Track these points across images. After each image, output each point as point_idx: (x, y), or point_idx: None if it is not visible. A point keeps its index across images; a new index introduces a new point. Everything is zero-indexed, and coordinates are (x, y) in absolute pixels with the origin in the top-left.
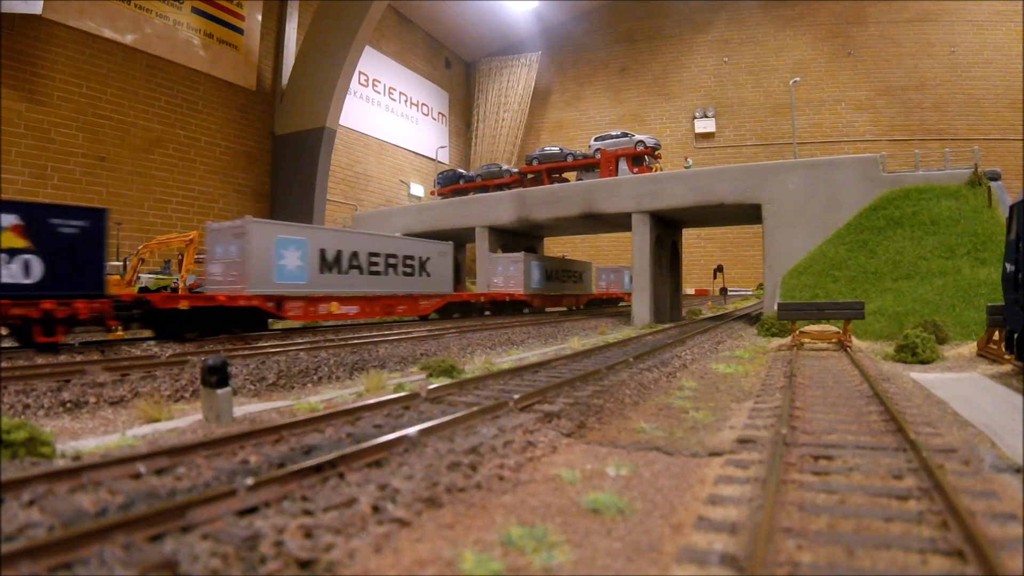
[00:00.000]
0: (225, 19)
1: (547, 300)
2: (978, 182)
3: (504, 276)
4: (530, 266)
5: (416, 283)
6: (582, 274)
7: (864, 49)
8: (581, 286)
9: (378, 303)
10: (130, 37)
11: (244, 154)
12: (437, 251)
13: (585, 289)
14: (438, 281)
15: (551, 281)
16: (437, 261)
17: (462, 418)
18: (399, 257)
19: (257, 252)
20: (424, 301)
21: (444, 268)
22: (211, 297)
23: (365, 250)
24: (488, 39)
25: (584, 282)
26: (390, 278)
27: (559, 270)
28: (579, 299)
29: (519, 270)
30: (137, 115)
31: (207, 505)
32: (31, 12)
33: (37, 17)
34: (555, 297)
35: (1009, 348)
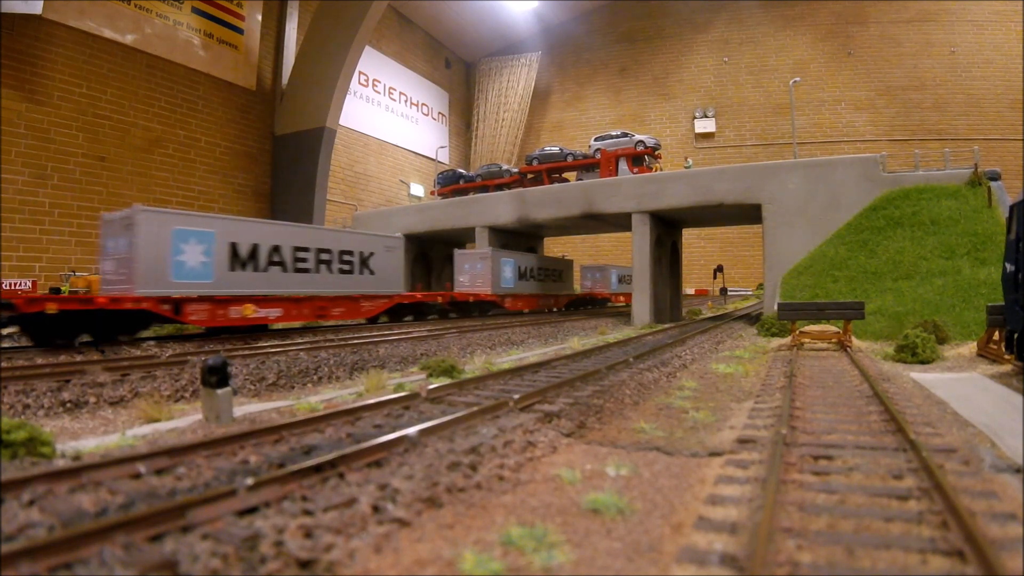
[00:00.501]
0: (225, 19)
1: (521, 301)
2: (978, 182)
3: (470, 275)
4: (499, 264)
5: (356, 282)
6: (561, 272)
7: (864, 49)
8: (561, 286)
9: (307, 305)
10: (130, 37)
11: (244, 154)
12: (383, 245)
13: (565, 289)
14: (384, 279)
15: (525, 280)
16: (383, 257)
17: (462, 418)
18: (333, 252)
19: (148, 246)
20: (367, 303)
21: (392, 265)
22: (88, 299)
23: (289, 244)
24: (488, 39)
25: (564, 281)
26: (322, 276)
27: (535, 268)
28: (558, 300)
29: (486, 268)
30: (137, 115)
31: (207, 505)
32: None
33: (37, 17)
34: (530, 298)
35: (1009, 348)
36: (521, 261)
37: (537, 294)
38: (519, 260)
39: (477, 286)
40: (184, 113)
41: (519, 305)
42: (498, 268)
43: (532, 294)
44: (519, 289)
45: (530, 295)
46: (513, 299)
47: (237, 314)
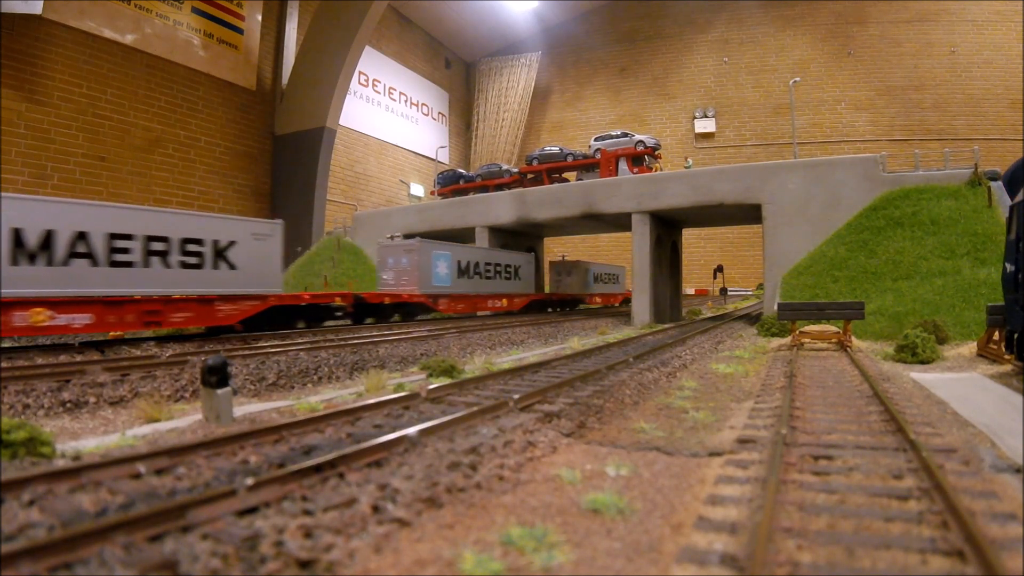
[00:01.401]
0: (225, 19)
1: (461, 302)
2: (978, 182)
3: (395, 271)
4: (430, 258)
5: (207, 279)
6: (518, 269)
7: (864, 49)
8: (518, 284)
9: (131, 309)
10: (130, 37)
11: (244, 154)
12: (248, 232)
13: (524, 288)
14: (252, 275)
15: (468, 277)
16: (250, 247)
17: (462, 418)
18: (172, 241)
19: None
20: (226, 306)
21: (264, 257)
22: None
23: (102, 230)
24: (488, 39)
25: (523, 279)
26: (154, 272)
27: (482, 263)
28: (513, 301)
29: (413, 263)
30: (137, 115)
31: (207, 505)
32: (31, 12)
33: (37, 17)
34: (474, 299)
35: (1009, 348)
36: (462, 255)
37: (484, 294)
38: (459, 254)
39: (403, 284)
40: (184, 113)
41: (458, 307)
42: (428, 263)
43: (477, 294)
44: (459, 288)
45: (475, 295)
46: (450, 300)
47: (24, 322)
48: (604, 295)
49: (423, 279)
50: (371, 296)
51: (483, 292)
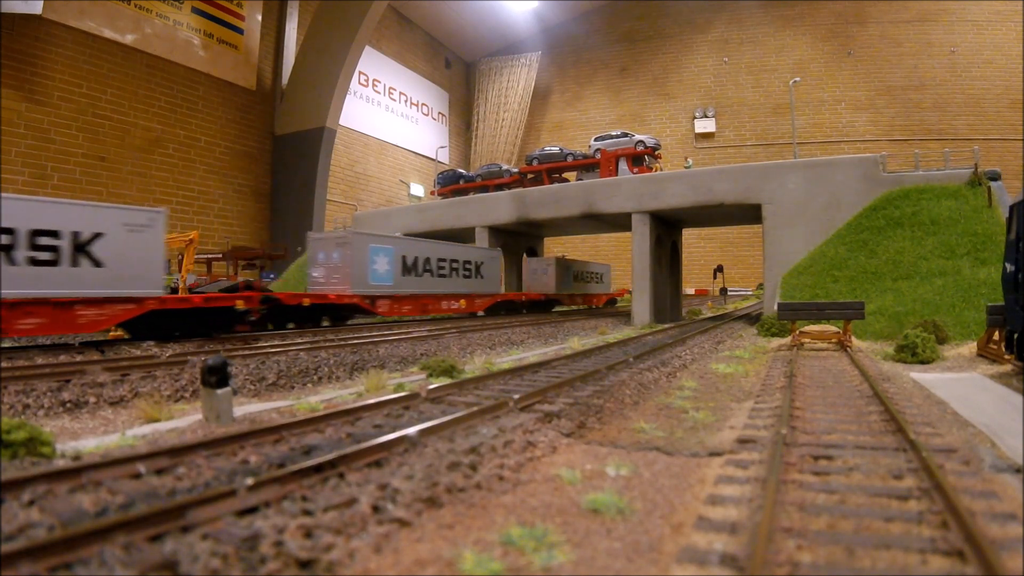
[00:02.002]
0: (225, 19)
1: (407, 304)
2: (978, 182)
3: (325, 267)
4: (366, 252)
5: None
6: (480, 266)
7: (864, 49)
8: (480, 283)
9: None
10: (130, 37)
11: (244, 154)
12: (118, 222)
13: (488, 287)
14: (117, 275)
15: (415, 275)
16: (119, 241)
17: (462, 418)
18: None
19: None
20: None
21: (135, 252)
22: None
23: None
24: (488, 39)
25: (487, 277)
26: None
27: (435, 260)
28: (474, 302)
29: (346, 258)
30: (137, 115)
31: (207, 505)
32: (31, 12)
33: (37, 17)
34: (423, 299)
35: (1009, 348)
36: (408, 250)
37: (436, 294)
38: (404, 248)
39: (334, 283)
40: (184, 113)
41: (403, 310)
42: (363, 258)
43: (428, 294)
44: (403, 287)
45: (424, 296)
46: (392, 302)
47: None
48: (586, 295)
49: (357, 277)
50: (288, 297)
51: (435, 292)
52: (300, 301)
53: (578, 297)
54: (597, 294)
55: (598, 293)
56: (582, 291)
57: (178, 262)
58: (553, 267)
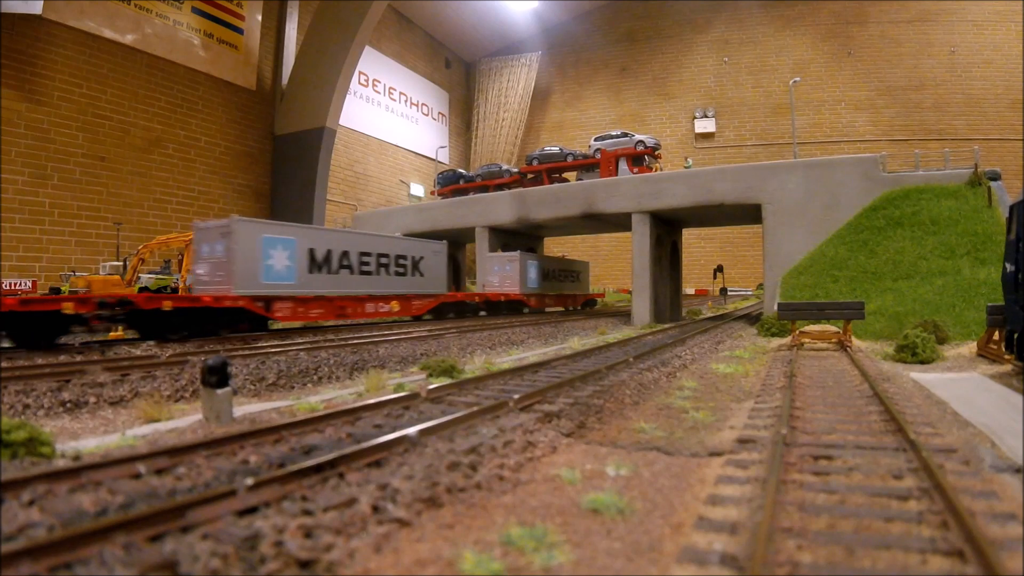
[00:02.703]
0: (225, 19)
1: (316, 307)
2: (978, 182)
3: (209, 263)
4: (257, 244)
5: None
6: (420, 262)
7: (864, 49)
8: (420, 282)
9: None
10: (130, 37)
11: (244, 154)
12: None
13: (430, 287)
14: None
15: (327, 272)
16: None
17: (462, 418)
18: None
19: None
20: None
21: None
22: None
23: None
24: (488, 39)
25: (429, 275)
26: None
27: (356, 254)
28: (411, 304)
29: (231, 252)
30: (137, 115)
31: (207, 505)
32: (31, 12)
33: (37, 17)
34: (339, 301)
35: (1009, 348)
36: (319, 241)
37: (358, 296)
38: (313, 239)
39: (216, 282)
40: (184, 113)
41: (311, 314)
42: (254, 252)
43: (346, 295)
44: (311, 286)
45: (341, 297)
46: (295, 304)
47: None
48: (558, 296)
49: (245, 274)
50: (146, 301)
51: (356, 292)
52: (158, 306)
53: (549, 298)
54: (573, 294)
55: (574, 293)
56: (555, 291)
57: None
58: (517, 263)
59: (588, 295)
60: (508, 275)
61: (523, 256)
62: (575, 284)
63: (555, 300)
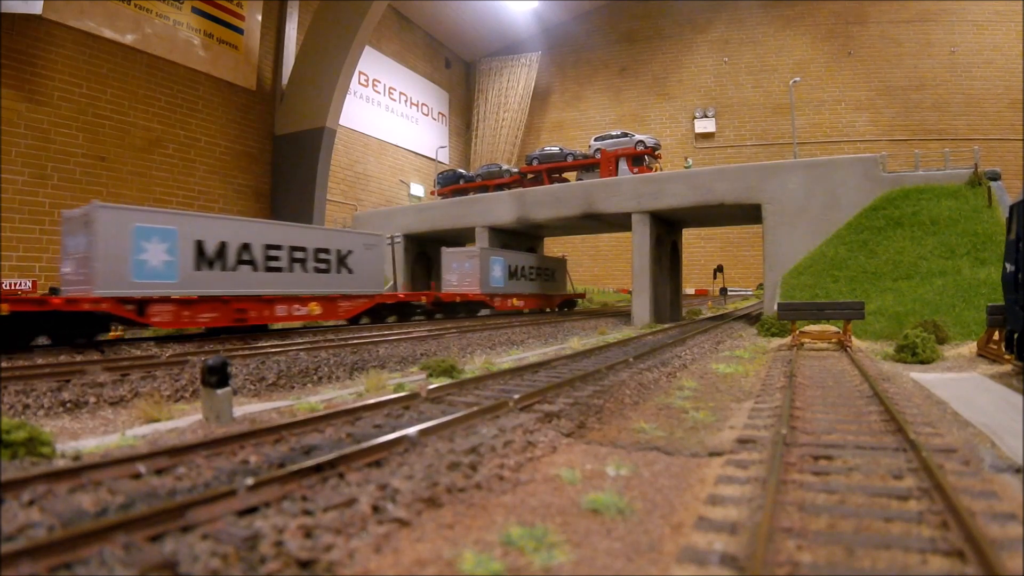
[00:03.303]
0: (225, 19)
1: (205, 310)
2: (978, 182)
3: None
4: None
5: None
6: (347, 257)
7: (864, 49)
8: (347, 280)
9: None
10: (130, 37)
11: (244, 154)
12: None
13: (360, 285)
14: None
15: (221, 269)
16: None
17: (462, 418)
18: None
19: None
20: None
21: None
22: None
23: None
24: (488, 39)
25: (359, 272)
26: None
27: (261, 247)
28: (335, 305)
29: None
30: (137, 115)
31: (207, 505)
32: (31, 12)
33: (37, 17)
34: (235, 302)
35: (1009, 348)
36: (210, 232)
37: (259, 296)
38: (200, 229)
39: (79, 280)
40: (184, 113)
41: (199, 318)
42: (122, 245)
43: (245, 296)
44: (199, 285)
45: (240, 298)
46: (177, 307)
47: None
48: (528, 296)
49: (109, 272)
50: None
51: (262, 292)
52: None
53: (518, 298)
54: (547, 294)
55: (548, 293)
56: (525, 291)
57: None
58: (477, 260)
59: (566, 295)
60: (467, 273)
61: (484, 252)
62: (549, 283)
63: (526, 301)
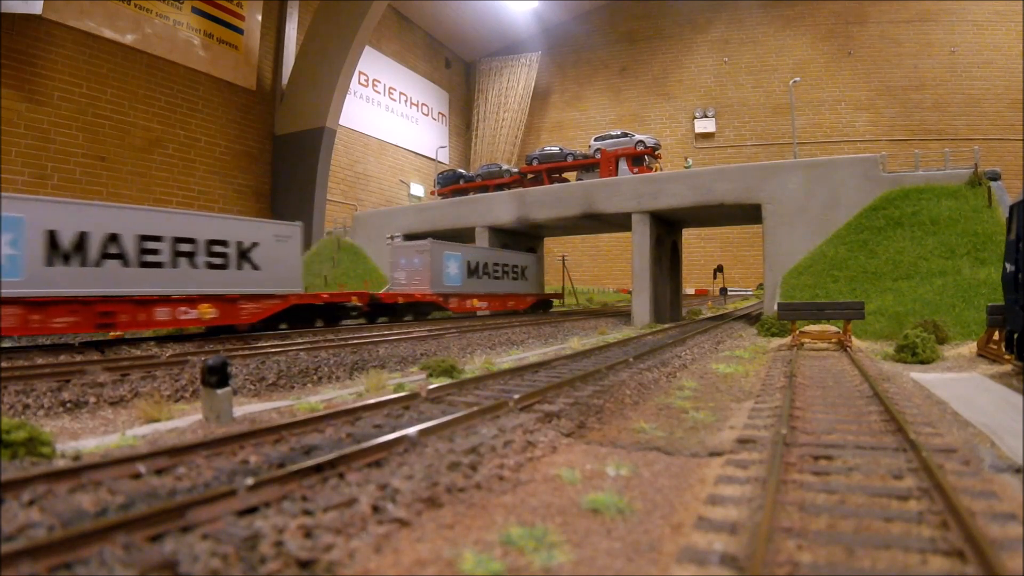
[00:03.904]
0: (225, 19)
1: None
2: (978, 182)
3: None
4: None
5: None
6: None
7: (864, 49)
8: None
9: None
10: (130, 37)
11: (244, 154)
12: None
13: (266, 284)
14: None
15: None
16: None
17: (462, 418)
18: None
19: None
20: None
21: None
22: None
23: None
24: (488, 39)
25: (266, 270)
26: None
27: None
28: (237, 309)
29: None
30: (137, 115)
31: (207, 505)
32: (31, 12)
33: (37, 17)
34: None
35: (1009, 348)
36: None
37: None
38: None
39: None
40: (184, 113)
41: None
42: None
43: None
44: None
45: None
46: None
47: None
48: (492, 297)
49: None
50: None
51: (135, 292)
52: None
53: (476, 299)
54: (515, 294)
55: (517, 293)
56: (488, 290)
57: None
58: (428, 255)
59: (540, 296)
60: (417, 270)
61: (436, 247)
62: (519, 282)
63: (489, 302)
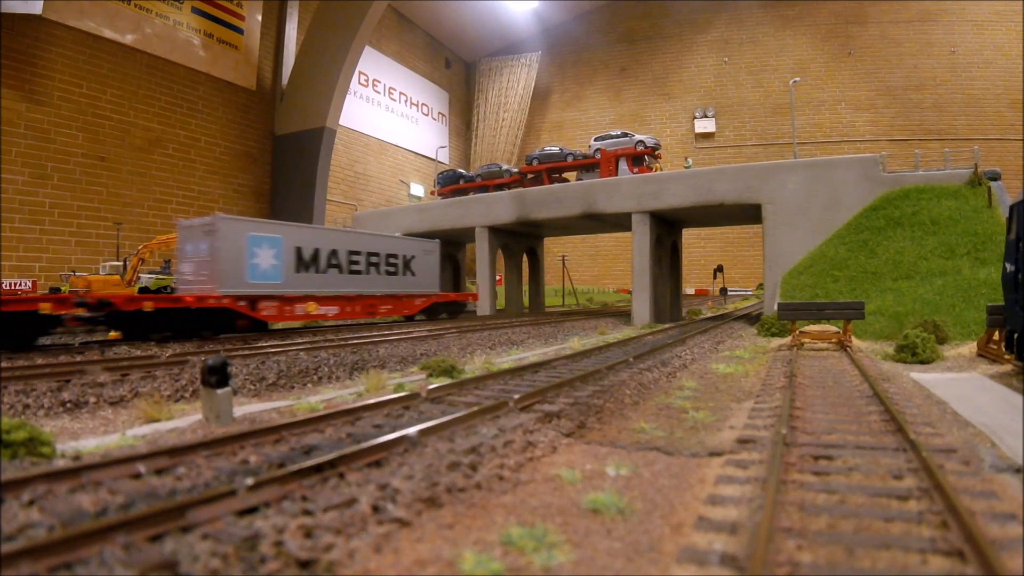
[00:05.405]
0: (225, 19)
1: None
2: (978, 182)
3: None
4: None
5: None
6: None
7: (864, 49)
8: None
9: None
10: (130, 37)
11: (244, 154)
12: None
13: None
14: None
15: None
16: None
17: (462, 418)
18: None
19: None
20: None
21: None
22: None
23: None
24: (488, 39)
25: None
26: None
27: None
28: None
29: None
30: (137, 115)
31: (207, 505)
32: (31, 12)
33: (37, 17)
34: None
35: (1009, 348)
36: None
37: None
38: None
39: None
40: (184, 113)
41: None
42: None
43: None
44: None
45: None
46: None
47: None
48: (347, 299)
49: None
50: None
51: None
52: None
53: (316, 302)
54: (389, 296)
55: (392, 294)
56: (334, 289)
57: None
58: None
59: (437, 297)
60: (203, 260)
61: (229, 224)
62: (400, 278)
63: (341, 305)
